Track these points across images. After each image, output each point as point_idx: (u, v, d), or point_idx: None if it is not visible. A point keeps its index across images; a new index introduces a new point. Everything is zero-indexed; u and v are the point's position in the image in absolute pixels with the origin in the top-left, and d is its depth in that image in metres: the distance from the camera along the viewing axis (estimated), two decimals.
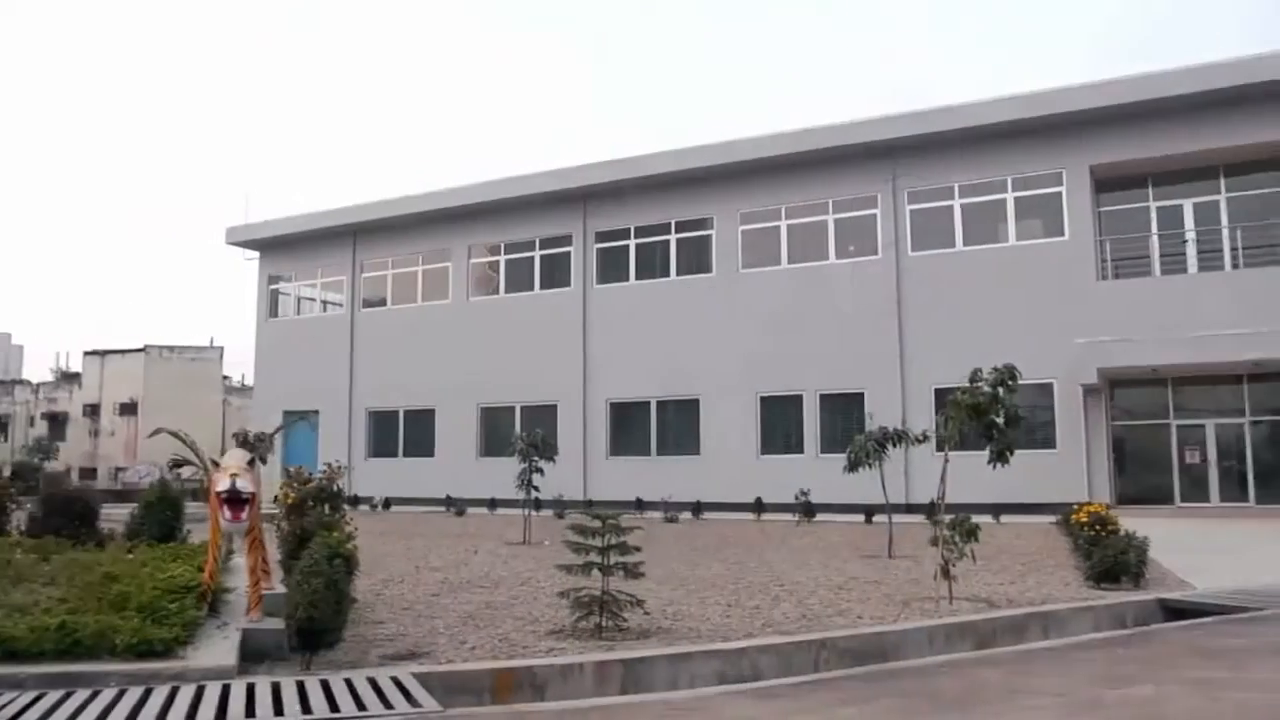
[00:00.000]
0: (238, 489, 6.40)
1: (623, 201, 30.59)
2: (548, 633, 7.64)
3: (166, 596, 6.45)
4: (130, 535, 9.62)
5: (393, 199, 34.63)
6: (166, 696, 5.33)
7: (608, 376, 30.29)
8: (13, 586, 7.32)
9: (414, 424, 33.83)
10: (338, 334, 35.66)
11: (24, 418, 56.67)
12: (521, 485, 17.47)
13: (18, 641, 5.73)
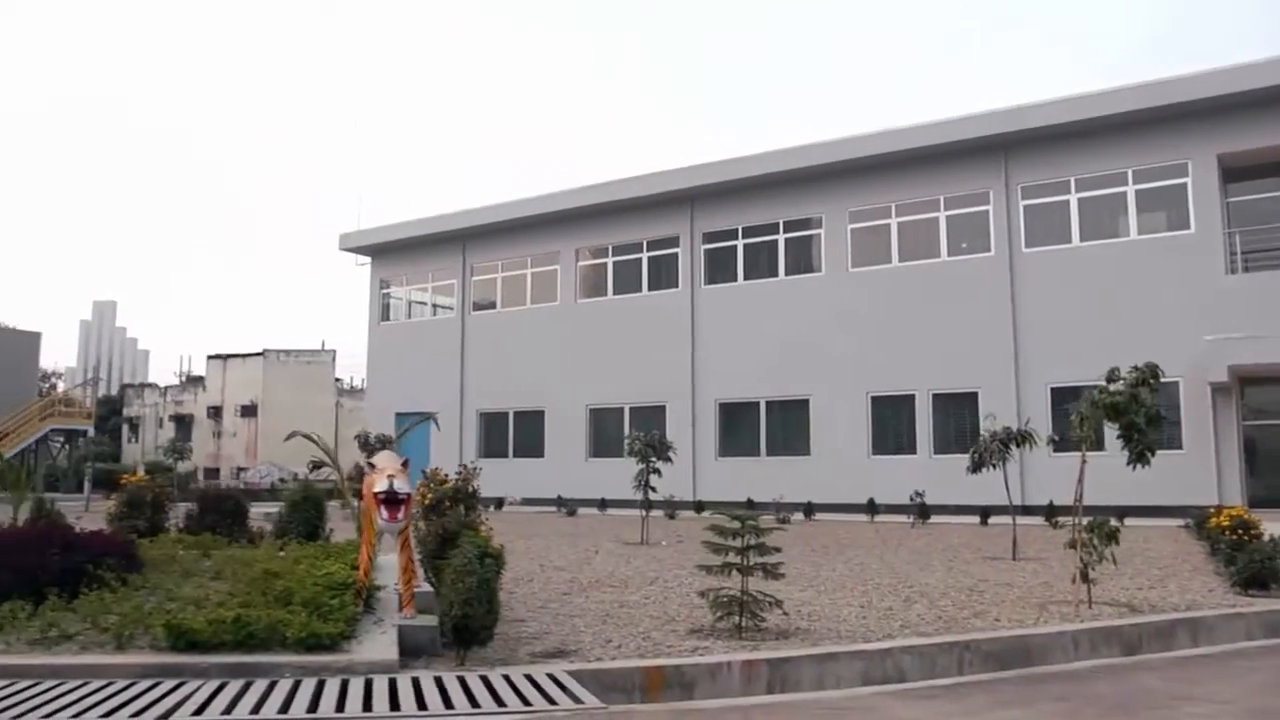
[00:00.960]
0: (395, 489, 6.61)
1: (730, 202, 30.61)
2: (688, 632, 7.72)
3: (327, 593, 6.70)
4: (278, 533, 10.01)
5: (502, 203, 35.25)
6: (339, 688, 5.56)
7: (716, 377, 30.34)
8: (183, 580, 7.70)
9: (524, 425, 34.36)
10: (448, 337, 36.39)
11: (153, 419, 59.22)
12: (638, 486, 17.59)
13: (198, 633, 6.02)
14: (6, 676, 5.69)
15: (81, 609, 6.69)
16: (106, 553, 7.54)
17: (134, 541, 8.43)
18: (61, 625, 6.38)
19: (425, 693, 5.51)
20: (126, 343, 75.80)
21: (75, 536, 7.71)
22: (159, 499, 10.43)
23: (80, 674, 5.75)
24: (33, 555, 7.15)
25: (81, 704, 5.19)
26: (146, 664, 5.86)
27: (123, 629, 6.24)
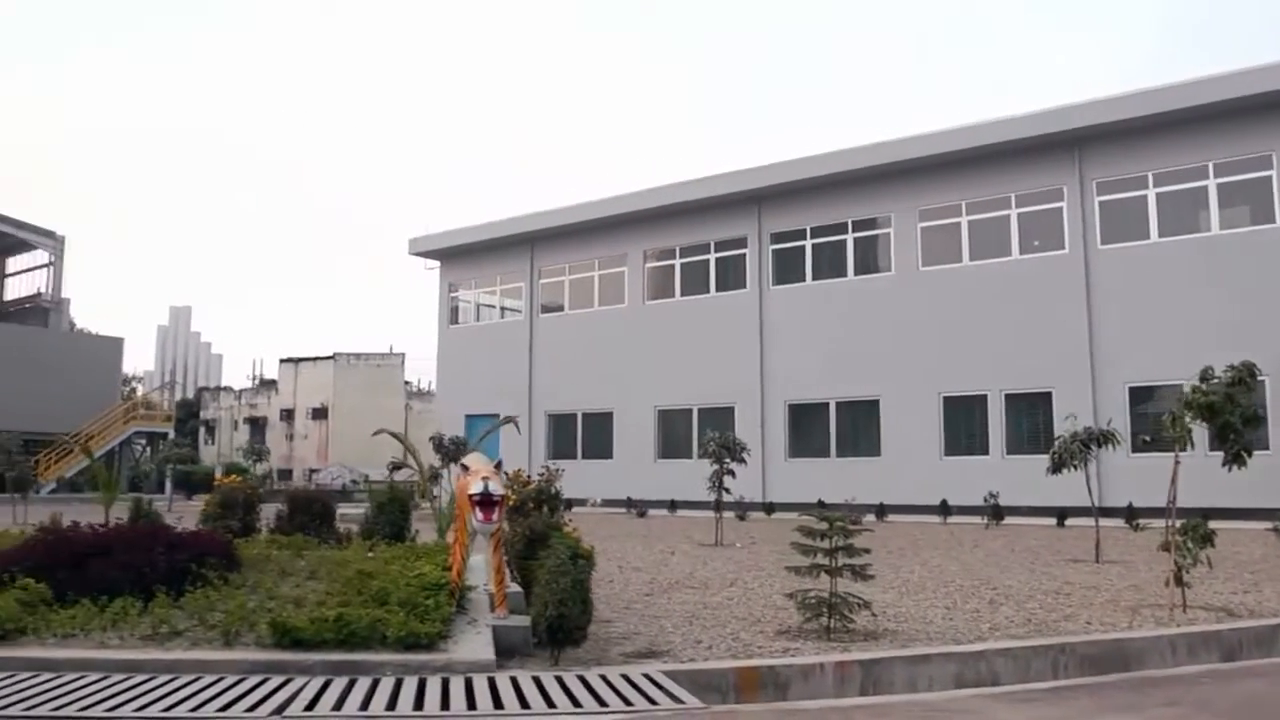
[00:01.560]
0: (490, 491, 6.71)
1: (798, 202, 30.50)
2: (776, 633, 7.73)
3: (421, 593, 6.82)
4: (365, 534, 10.20)
5: (569, 206, 35.50)
6: (440, 686, 5.66)
7: (785, 378, 30.24)
8: (280, 580, 7.90)
9: (592, 426, 34.54)
10: (516, 339, 36.70)
11: (228, 422, 60.54)
12: (712, 487, 17.59)
13: (301, 631, 6.17)
14: (123, 671, 5.89)
15: (188, 606, 6.90)
16: (208, 552, 7.76)
17: (232, 541, 8.65)
18: (171, 622, 6.58)
19: (525, 692, 5.59)
20: (201, 347, 77.74)
21: (179, 536, 7.95)
22: (251, 500, 10.70)
23: (192, 669, 5.93)
24: (140, 554, 7.37)
25: (196, 698, 5.35)
26: (254, 660, 6.02)
27: (229, 626, 6.42)
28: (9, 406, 38.06)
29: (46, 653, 6.16)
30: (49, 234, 45.26)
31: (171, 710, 5.14)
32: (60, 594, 6.98)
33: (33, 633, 6.46)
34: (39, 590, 6.93)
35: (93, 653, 6.16)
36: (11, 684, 5.63)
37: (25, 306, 46.74)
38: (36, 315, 45.45)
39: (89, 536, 7.77)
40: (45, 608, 6.79)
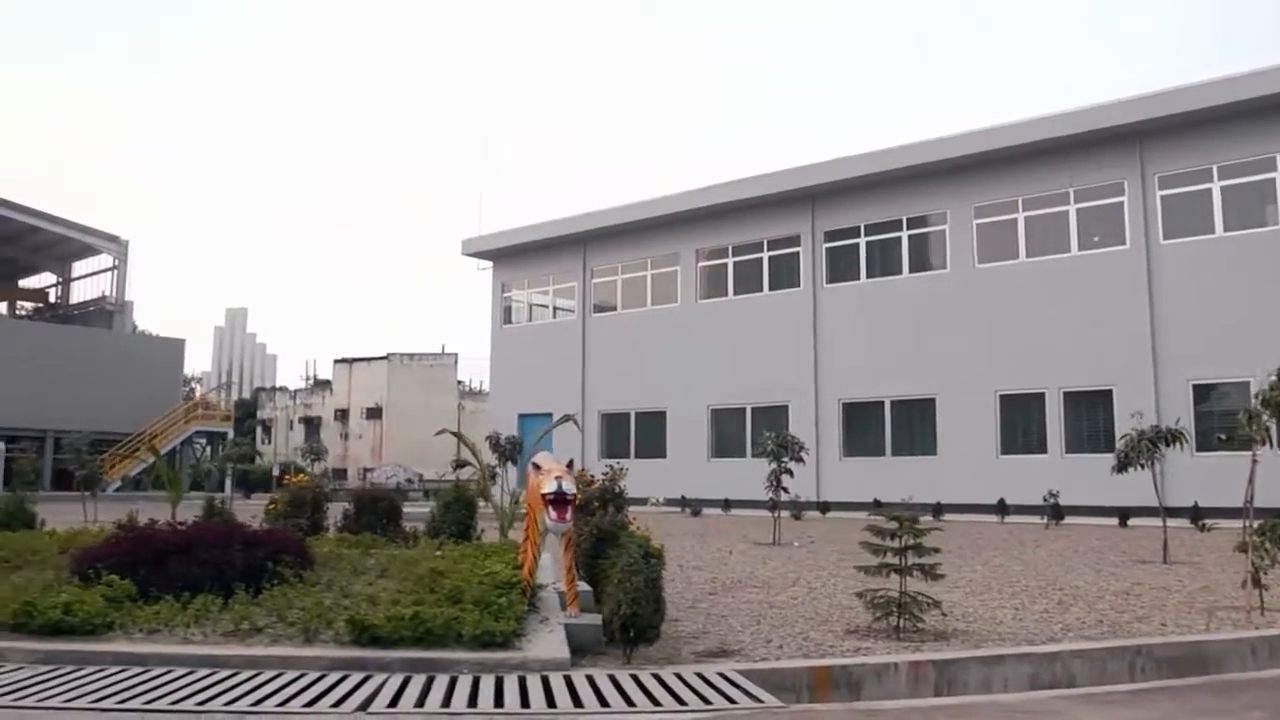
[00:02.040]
0: (564, 490, 6.76)
1: (851, 200, 30.32)
2: (845, 632, 7.71)
3: (494, 592, 6.88)
4: (431, 533, 10.31)
5: (621, 206, 35.57)
6: (518, 684, 5.72)
7: (839, 376, 30.09)
8: (353, 578, 8.01)
9: (645, 425, 34.59)
10: (569, 339, 36.85)
11: (284, 422, 61.43)
12: (770, 486, 17.54)
13: (379, 629, 6.26)
14: (208, 666, 6.02)
15: (266, 603, 7.03)
16: (283, 550, 7.89)
17: (305, 540, 8.79)
18: (252, 619, 6.71)
19: (603, 690, 5.63)
20: (256, 348, 79.05)
21: (255, 534, 8.09)
22: (319, 499, 10.85)
23: (273, 665, 6.04)
24: (218, 552, 7.52)
25: (281, 694, 5.46)
26: (334, 657, 6.12)
27: (308, 624, 6.54)
28: (76, 407, 38.98)
29: (133, 647, 6.31)
30: (113, 238, 46.23)
31: (259, 705, 5.25)
32: (144, 590, 7.14)
33: (119, 628, 6.63)
34: (124, 586, 7.09)
35: (177, 648, 6.30)
36: (102, 678, 5.78)
37: (90, 309, 47.81)
38: (101, 318, 46.44)
39: (169, 534, 7.93)
40: (130, 604, 6.95)
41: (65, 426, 39.45)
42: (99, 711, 5.15)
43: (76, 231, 45.65)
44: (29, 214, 44.23)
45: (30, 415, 39.34)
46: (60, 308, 50.33)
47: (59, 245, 47.44)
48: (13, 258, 49.70)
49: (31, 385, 39.42)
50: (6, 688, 5.55)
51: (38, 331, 45.00)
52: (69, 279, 50.41)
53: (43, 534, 10.20)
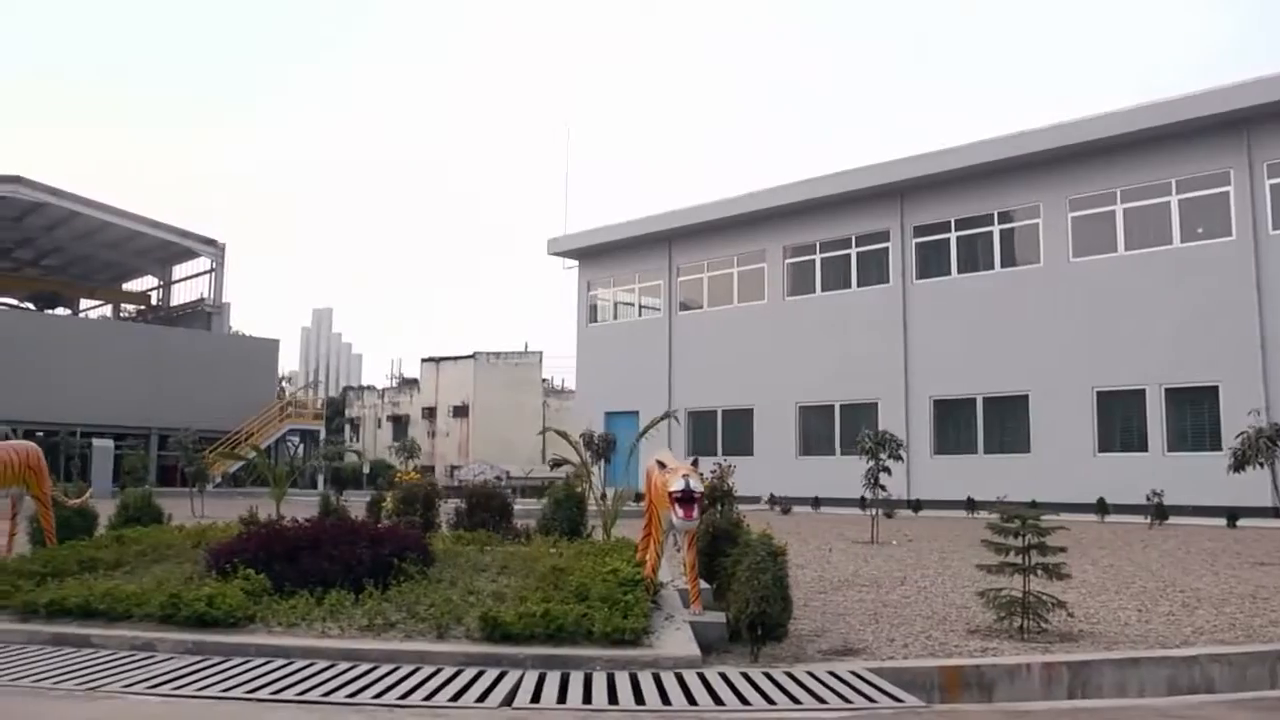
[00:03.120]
0: (691, 488, 6.81)
1: (942, 194, 29.89)
2: (967, 632, 7.64)
3: (619, 589, 6.96)
4: (542, 530, 10.45)
5: (707, 203, 35.51)
6: (653, 682, 5.77)
7: (930, 373, 29.70)
8: (476, 574, 8.16)
9: (732, 423, 34.52)
10: (655, 337, 36.92)
11: (372, 420, 62.55)
12: (868, 484, 17.39)
13: (510, 626, 6.38)
14: (347, 659, 6.19)
15: (395, 599, 7.20)
16: (407, 547, 8.07)
17: (426, 537, 8.97)
18: (384, 614, 6.87)
19: (739, 688, 5.66)
20: (342, 347, 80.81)
21: (379, 531, 8.29)
22: (430, 497, 11.06)
23: (410, 660, 6.18)
24: (346, 548, 7.72)
25: (424, 688, 5.58)
26: (469, 653, 6.24)
27: (440, 619, 6.67)
28: (178, 405, 40.20)
29: (275, 640, 6.52)
30: (211, 242, 47.57)
31: (406, 699, 5.38)
32: (278, 585, 7.37)
33: (260, 621, 6.84)
34: (259, 581, 7.33)
35: (316, 641, 6.49)
36: (249, 669, 5.97)
37: (189, 311, 49.26)
38: (199, 319, 47.81)
39: (297, 531, 8.16)
40: (267, 598, 7.18)
41: (168, 424, 40.80)
42: (255, 702, 5.33)
43: (177, 236, 47.06)
44: (133, 219, 45.72)
45: (136, 413, 40.70)
46: (161, 309, 51.94)
47: (160, 249, 48.97)
48: (118, 262, 51.43)
49: (137, 384, 40.78)
50: (162, 677, 5.77)
51: (142, 333, 46.51)
52: (169, 282, 51.99)
53: (171, 529, 10.56)
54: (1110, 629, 7.85)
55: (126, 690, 5.50)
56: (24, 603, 7.18)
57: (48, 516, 9.37)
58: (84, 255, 50.99)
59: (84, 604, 7.03)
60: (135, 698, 5.38)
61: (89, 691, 5.48)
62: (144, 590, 7.25)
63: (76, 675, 5.82)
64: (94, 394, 39.56)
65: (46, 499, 9.34)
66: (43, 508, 9.31)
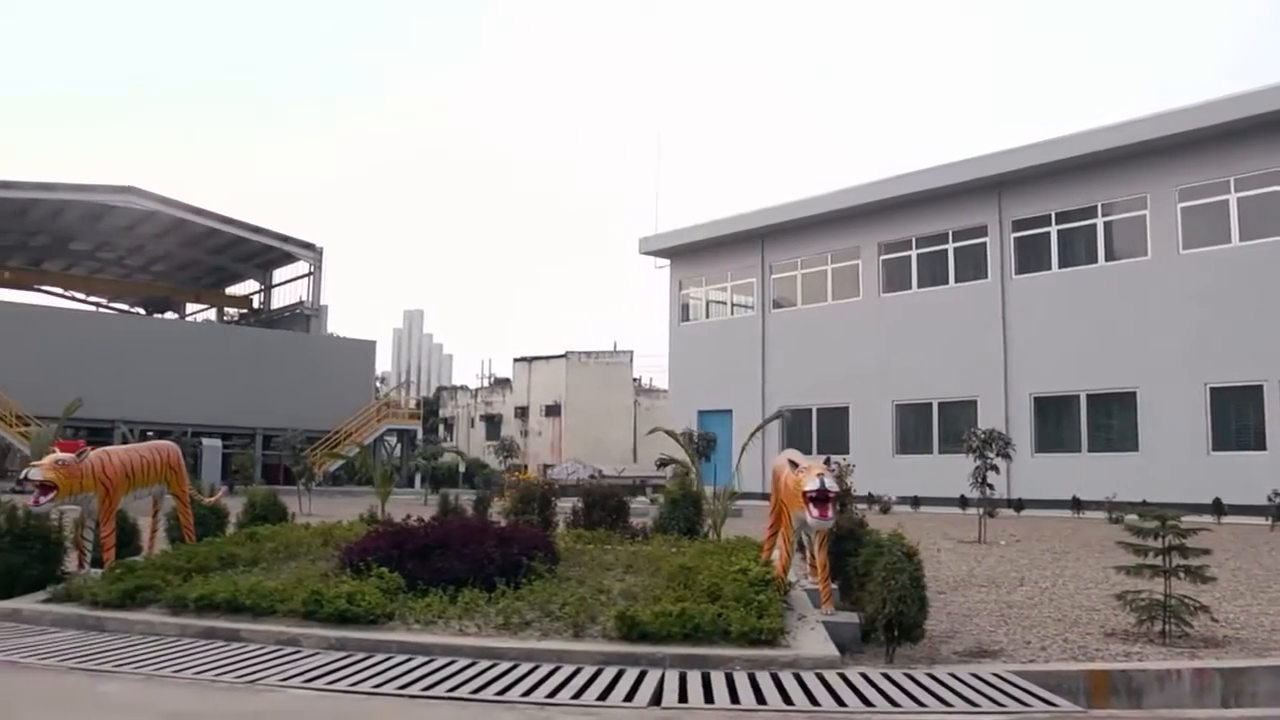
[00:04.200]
0: (826, 487, 6.78)
1: (1042, 186, 29.24)
2: (1104, 635, 7.47)
3: (751, 589, 6.95)
4: (658, 529, 10.49)
5: (800, 200, 35.26)
6: (796, 682, 5.76)
7: (1030, 370, 29.09)
8: (602, 572, 8.23)
9: (827, 421, 34.22)
10: (748, 335, 36.79)
11: (465, 419, 63.50)
12: (975, 483, 17.11)
13: (647, 625, 6.41)
14: (487, 657, 6.28)
15: (528, 597, 7.29)
16: (534, 546, 8.17)
17: (552, 536, 9.07)
18: (519, 612, 6.97)
19: (885, 690, 5.62)
20: (433, 348, 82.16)
21: (507, 531, 8.41)
22: (547, 496, 11.18)
23: (548, 658, 6.25)
24: (475, 547, 7.85)
25: (569, 687, 5.64)
26: (606, 651, 6.29)
27: (576, 618, 6.74)
28: (281, 406, 41.29)
29: (415, 637, 6.66)
30: (309, 246, 48.75)
31: (554, 697, 5.45)
32: (411, 583, 7.52)
33: (398, 618, 6.99)
34: (393, 579, 7.48)
35: (454, 639, 6.61)
36: (393, 666, 6.10)
37: (289, 314, 50.54)
38: (299, 321, 49.01)
39: (426, 530, 8.31)
40: (402, 595, 7.33)
41: (270, 424, 41.92)
42: (409, 699, 5.45)
43: (277, 241, 48.34)
44: (236, 226, 47.11)
45: (241, 414, 41.90)
46: (262, 313, 53.37)
47: (261, 254, 50.35)
48: (222, 266, 53.00)
49: (241, 386, 41.98)
50: (313, 672, 5.93)
51: (245, 335, 47.85)
52: (269, 285, 53.40)
53: (298, 527, 10.85)
54: (1255, 635, 7.61)
55: (283, 684, 5.66)
56: (174, 597, 7.44)
57: (186, 514, 9.71)
58: (190, 261, 52.66)
59: (231, 599, 7.26)
60: (293, 691, 5.54)
61: (249, 685, 5.66)
62: (285, 587, 7.46)
63: (232, 669, 6.01)
64: (201, 395, 40.82)
65: (185, 497, 9.68)
66: (182, 505, 9.65)
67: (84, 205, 44.31)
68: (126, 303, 56.52)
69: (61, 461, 8.16)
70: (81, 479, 8.25)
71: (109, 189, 43.71)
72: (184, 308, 56.92)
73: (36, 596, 8.00)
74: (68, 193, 43.10)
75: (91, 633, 7.21)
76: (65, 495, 8.13)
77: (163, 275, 55.14)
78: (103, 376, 36.47)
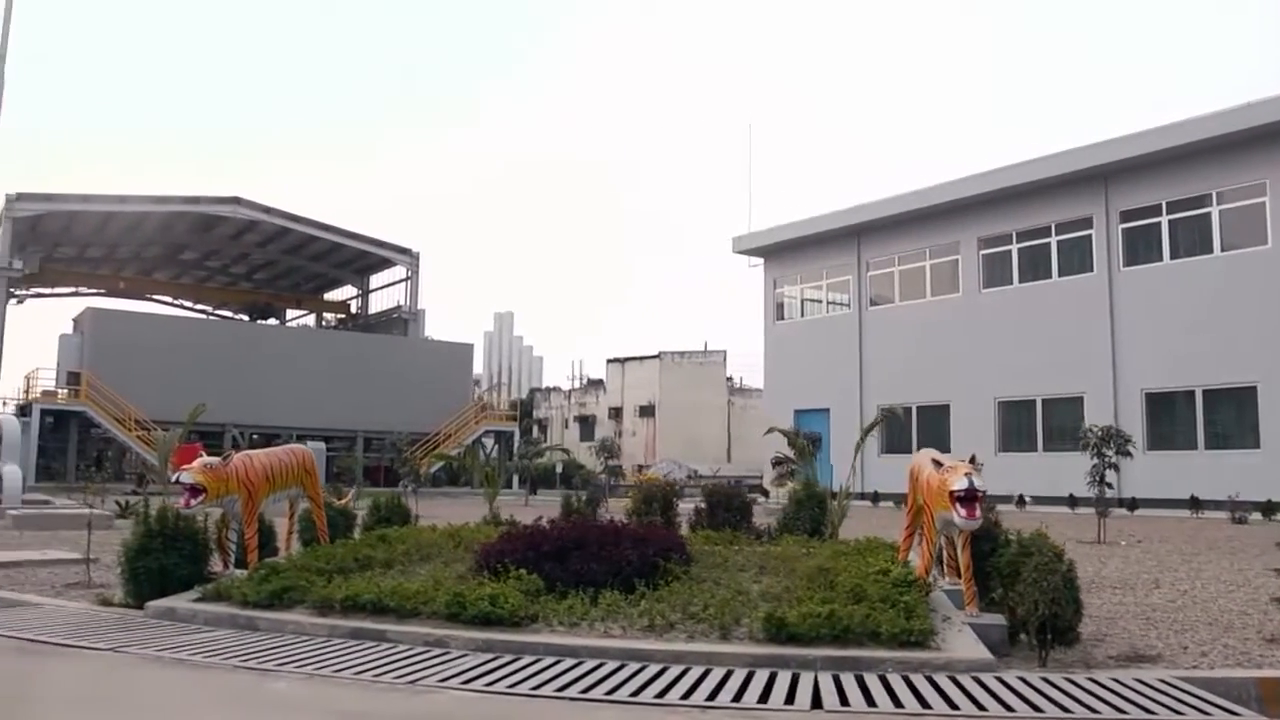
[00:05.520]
0: (975, 487, 6.67)
1: (1151, 176, 28.40)
2: (1264, 641, 7.20)
3: (895, 590, 6.87)
4: (783, 529, 10.43)
5: (896, 196, 34.82)
6: (952, 684, 5.67)
7: (1140, 365, 28.28)
8: (737, 574, 8.21)
9: (927, 420, 33.71)
10: (844, 333, 36.43)
11: (559, 420, 64.06)
12: (1093, 482, 16.65)
13: (795, 627, 6.37)
14: (634, 659, 6.29)
15: (669, 599, 7.28)
16: (669, 547, 8.18)
17: (684, 537, 9.08)
18: (663, 614, 6.97)
19: (1048, 695, 5.49)
20: (523, 350, 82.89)
21: (641, 532, 8.43)
22: (669, 497, 11.20)
23: (698, 660, 6.24)
24: (611, 548, 7.88)
25: (727, 690, 5.62)
26: (756, 654, 6.26)
27: (723, 620, 6.73)
28: (381, 409, 42.19)
29: (560, 639, 6.70)
30: (406, 251, 49.69)
31: (713, 700, 5.44)
32: (549, 585, 7.58)
33: (541, 620, 7.05)
34: (532, 581, 7.54)
35: (601, 641, 6.63)
36: (543, 668, 6.13)
37: (386, 318, 51.57)
38: (396, 326, 50.00)
39: (560, 532, 8.38)
40: (543, 597, 7.39)
41: (371, 427, 42.83)
42: (569, 701, 5.48)
43: (374, 246, 49.36)
44: (335, 233, 48.23)
45: (343, 417, 42.89)
46: (360, 317, 54.56)
47: (359, 260, 51.46)
48: (321, 273, 54.34)
49: (342, 390, 42.95)
50: (468, 673, 5.99)
51: (345, 340, 48.92)
52: (367, 291, 54.57)
53: (425, 529, 11.03)
54: None
55: (442, 685, 5.74)
56: (321, 598, 7.61)
57: (321, 516, 9.94)
58: (291, 268, 54.06)
59: (376, 601, 7.40)
60: (453, 693, 5.62)
61: (410, 685, 5.75)
62: (426, 588, 7.57)
63: (389, 669, 6.12)
64: (304, 399, 41.87)
65: (319, 499, 9.92)
66: (316, 508, 9.89)
67: (193, 216, 45.86)
68: (230, 310, 58.27)
69: (209, 465, 8.42)
70: (227, 482, 8.50)
71: (216, 200, 45.15)
72: (284, 313, 58.44)
73: (188, 595, 8.25)
74: (178, 204, 44.62)
75: (244, 631, 7.41)
76: (214, 498, 8.39)
77: (264, 282, 56.70)
78: (213, 382, 37.57)
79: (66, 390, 39.29)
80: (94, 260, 51.72)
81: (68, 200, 42.04)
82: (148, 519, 8.52)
